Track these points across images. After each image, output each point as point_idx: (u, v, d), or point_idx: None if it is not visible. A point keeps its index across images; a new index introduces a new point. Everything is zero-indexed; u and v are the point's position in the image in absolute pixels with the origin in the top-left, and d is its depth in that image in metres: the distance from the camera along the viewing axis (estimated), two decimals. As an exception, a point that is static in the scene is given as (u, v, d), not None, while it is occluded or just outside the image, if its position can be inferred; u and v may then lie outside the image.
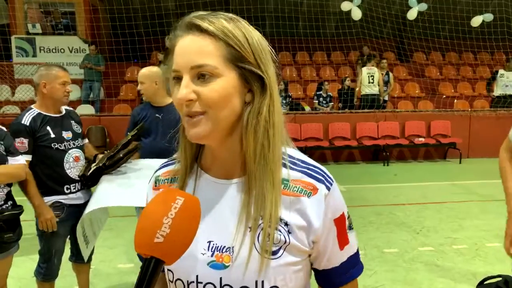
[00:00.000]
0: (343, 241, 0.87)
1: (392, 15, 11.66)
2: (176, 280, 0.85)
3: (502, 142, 2.19)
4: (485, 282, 2.34)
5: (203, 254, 0.82)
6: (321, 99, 10.02)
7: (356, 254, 0.91)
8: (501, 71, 9.95)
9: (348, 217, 0.89)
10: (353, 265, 0.90)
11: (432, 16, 11.33)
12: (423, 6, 10.58)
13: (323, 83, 10.19)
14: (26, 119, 2.57)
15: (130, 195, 2.52)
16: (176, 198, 0.69)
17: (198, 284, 0.82)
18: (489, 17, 10.81)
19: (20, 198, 2.48)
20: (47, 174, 2.62)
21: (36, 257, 2.73)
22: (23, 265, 3.58)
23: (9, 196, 2.36)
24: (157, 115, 3.15)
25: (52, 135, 2.62)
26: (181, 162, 0.88)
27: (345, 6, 10.38)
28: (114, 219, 4.83)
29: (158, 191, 0.92)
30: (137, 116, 3.22)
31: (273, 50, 0.84)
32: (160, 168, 0.96)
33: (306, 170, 0.85)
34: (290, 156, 0.86)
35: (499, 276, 2.31)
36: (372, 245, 4.34)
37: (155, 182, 0.94)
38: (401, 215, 5.39)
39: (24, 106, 9.72)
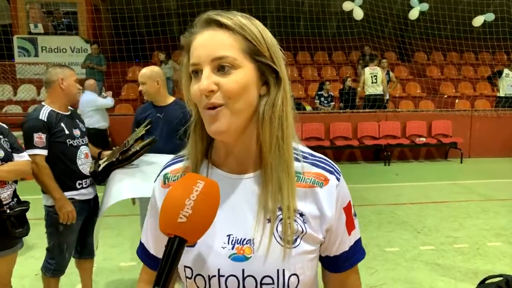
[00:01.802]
0: (350, 226, 0.92)
1: (394, 15, 11.64)
2: (195, 276, 0.85)
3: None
4: (486, 282, 2.34)
5: (224, 248, 0.84)
6: (322, 99, 10.02)
7: (360, 239, 0.96)
8: (506, 71, 9.80)
9: (352, 205, 0.94)
10: (358, 249, 0.95)
11: (434, 16, 11.31)
12: (425, 6, 10.58)
13: (324, 83, 10.18)
14: (43, 115, 2.60)
15: (149, 186, 2.55)
16: (197, 182, 0.74)
17: (220, 277, 0.83)
18: (490, 17, 10.79)
19: (21, 196, 2.49)
20: (61, 170, 2.66)
21: (39, 255, 2.75)
22: (26, 263, 3.59)
23: (14, 193, 2.38)
24: (158, 114, 3.16)
25: (67, 132, 2.67)
26: (191, 157, 0.89)
27: (346, 6, 10.38)
28: (116, 218, 4.85)
29: (168, 188, 0.91)
30: (139, 115, 3.23)
31: (281, 49, 0.87)
32: (167, 166, 0.96)
33: (316, 162, 0.90)
34: (300, 151, 0.90)
35: (500, 275, 2.32)
36: (373, 244, 4.35)
37: (164, 180, 0.94)
38: (402, 215, 5.40)
39: (26, 105, 9.73)
